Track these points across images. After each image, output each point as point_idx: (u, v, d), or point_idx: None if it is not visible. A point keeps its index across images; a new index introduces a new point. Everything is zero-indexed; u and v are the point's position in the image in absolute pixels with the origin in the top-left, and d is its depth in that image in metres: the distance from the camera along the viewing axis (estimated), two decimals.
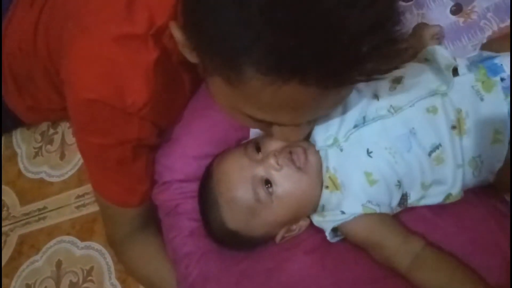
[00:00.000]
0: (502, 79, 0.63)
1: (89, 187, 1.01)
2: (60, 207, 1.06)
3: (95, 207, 0.99)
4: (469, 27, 0.84)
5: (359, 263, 0.64)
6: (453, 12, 0.86)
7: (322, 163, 0.66)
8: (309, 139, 0.68)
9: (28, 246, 1.06)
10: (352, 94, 0.57)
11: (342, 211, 0.63)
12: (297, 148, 0.65)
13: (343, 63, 0.44)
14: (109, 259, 0.96)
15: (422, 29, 0.83)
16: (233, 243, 0.70)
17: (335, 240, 0.66)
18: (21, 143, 1.17)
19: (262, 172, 0.64)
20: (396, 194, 0.63)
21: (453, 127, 0.62)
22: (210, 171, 0.70)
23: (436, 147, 0.62)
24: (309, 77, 0.45)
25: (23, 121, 1.08)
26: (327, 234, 0.65)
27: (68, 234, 1.03)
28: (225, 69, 0.48)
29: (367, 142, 0.63)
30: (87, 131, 0.68)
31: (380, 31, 0.44)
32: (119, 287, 0.93)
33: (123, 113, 0.65)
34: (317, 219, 0.66)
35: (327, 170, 0.65)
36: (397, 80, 0.65)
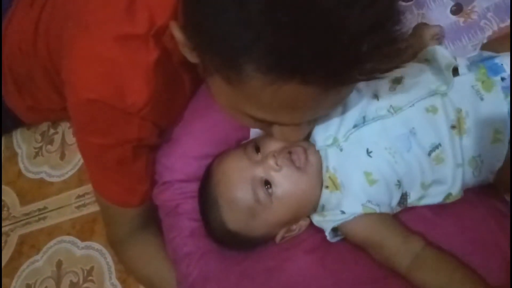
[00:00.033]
0: (503, 78, 0.63)
1: (89, 187, 1.01)
2: (60, 207, 1.06)
3: (95, 207, 0.99)
4: (469, 27, 0.84)
5: (359, 263, 0.64)
6: (453, 12, 0.86)
7: (322, 163, 0.66)
8: (309, 139, 0.68)
9: (28, 246, 1.05)
10: (352, 94, 0.57)
11: (342, 211, 0.63)
12: (297, 148, 0.65)
13: (343, 63, 0.44)
14: (109, 259, 0.96)
15: (422, 29, 0.83)
16: (233, 243, 0.70)
17: (335, 240, 0.66)
18: (21, 143, 1.17)
19: (261, 173, 0.64)
20: (396, 194, 0.63)
21: (453, 127, 0.62)
22: (210, 171, 0.70)
23: (436, 147, 0.62)
24: (309, 77, 0.45)
25: (23, 121, 1.08)
26: (327, 234, 0.65)
27: (68, 234, 1.03)
28: (225, 69, 0.48)
29: (367, 142, 0.63)
30: (87, 131, 0.68)
31: (380, 31, 0.44)
32: (119, 287, 0.93)
33: (123, 113, 0.65)
34: (317, 219, 0.66)
35: (327, 170, 0.65)
36: (397, 80, 0.66)
